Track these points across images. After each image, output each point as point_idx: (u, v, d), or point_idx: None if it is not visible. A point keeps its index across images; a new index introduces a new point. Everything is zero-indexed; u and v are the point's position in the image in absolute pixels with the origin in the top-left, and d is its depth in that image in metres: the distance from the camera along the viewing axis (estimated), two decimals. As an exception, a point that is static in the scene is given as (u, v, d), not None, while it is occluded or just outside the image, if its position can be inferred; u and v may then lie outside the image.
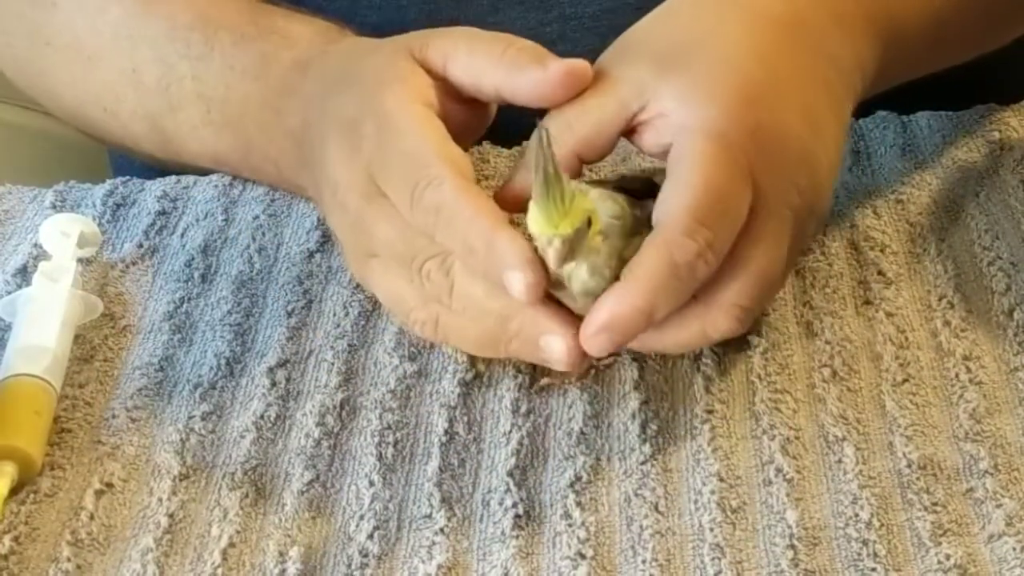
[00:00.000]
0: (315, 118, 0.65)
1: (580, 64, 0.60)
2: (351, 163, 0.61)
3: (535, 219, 0.56)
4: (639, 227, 0.58)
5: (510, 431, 0.60)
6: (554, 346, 0.57)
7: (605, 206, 0.57)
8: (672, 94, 0.59)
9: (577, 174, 0.61)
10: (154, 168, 0.78)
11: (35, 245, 0.70)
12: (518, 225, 0.58)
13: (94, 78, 0.76)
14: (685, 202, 0.57)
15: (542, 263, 0.56)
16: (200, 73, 0.72)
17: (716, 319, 0.58)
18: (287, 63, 0.69)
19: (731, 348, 0.63)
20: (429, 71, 0.62)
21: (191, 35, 0.72)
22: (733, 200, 0.57)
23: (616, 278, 0.57)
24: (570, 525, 0.57)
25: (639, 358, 0.63)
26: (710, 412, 0.61)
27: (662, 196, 0.58)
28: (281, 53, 0.70)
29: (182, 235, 0.72)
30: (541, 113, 0.61)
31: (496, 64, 0.61)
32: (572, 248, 0.56)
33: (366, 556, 0.56)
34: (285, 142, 0.68)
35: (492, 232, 0.56)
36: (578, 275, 0.57)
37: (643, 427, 0.60)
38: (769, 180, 0.58)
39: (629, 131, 0.61)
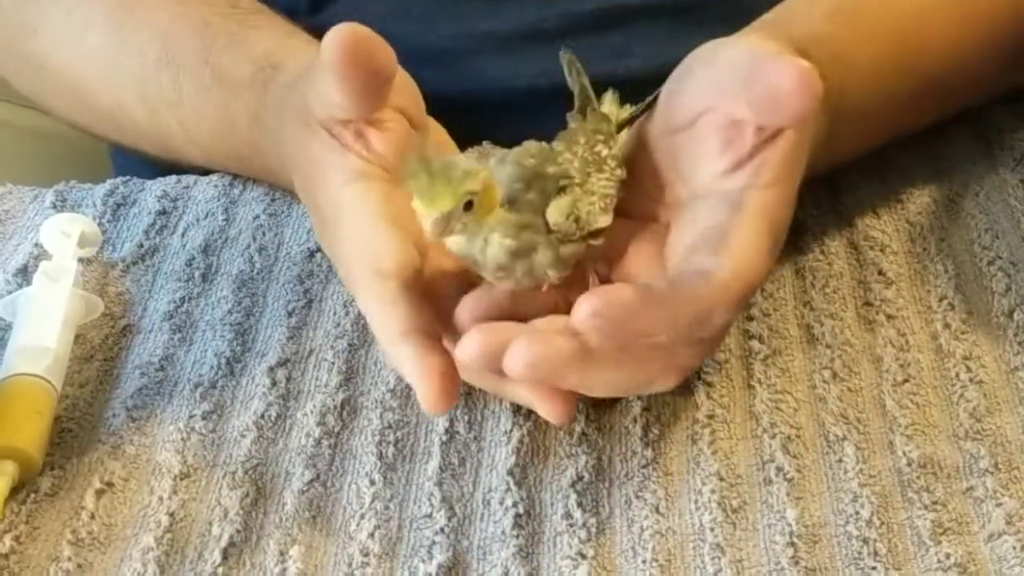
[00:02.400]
0: (295, 186, 0.66)
1: None
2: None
3: (414, 200, 0.56)
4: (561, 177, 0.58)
5: (511, 430, 0.60)
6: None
7: (506, 171, 0.57)
8: None
9: None
10: (155, 168, 0.78)
11: (36, 245, 0.71)
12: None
13: (88, 105, 0.77)
14: (744, 273, 0.56)
15: (440, 372, 0.56)
16: (181, 118, 0.73)
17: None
18: (244, 120, 0.70)
19: (733, 355, 0.63)
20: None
21: (161, 77, 0.73)
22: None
23: (548, 230, 0.57)
24: (571, 525, 0.57)
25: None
26: (711, 417, 0.61)
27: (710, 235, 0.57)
28: (235, 104, 0.70)
29: (183, 235, 0.72)
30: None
31: None
32: (449, 223, 0.55)
33: (367, 555, 0.56)
34: (281, 175, 0.69)
35: (392, 345, 0.58)
36: (491, 248, 0.57)
37: (645, 431, 0.60)
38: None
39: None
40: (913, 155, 0.74)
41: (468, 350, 0.55)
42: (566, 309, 0.56)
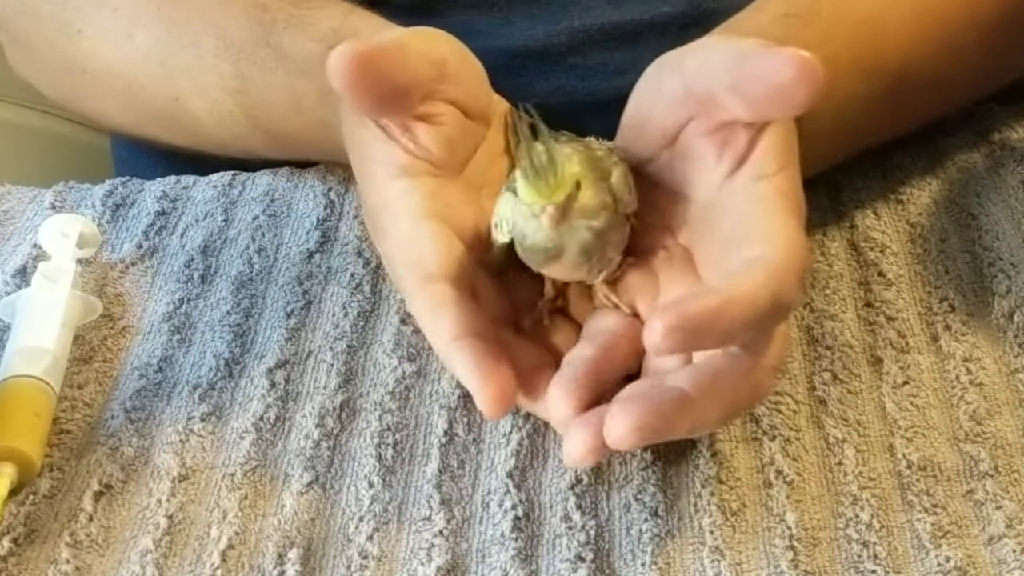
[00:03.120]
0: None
1: None
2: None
3: (526, 190, 0.55)
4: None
5: (510, 432, 0.60)
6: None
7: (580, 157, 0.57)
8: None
9: None
10: (157, 167, 0.78)
11: (34, 246, 0.70)
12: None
13: (141, 104, 0.76)
14: (795, 246, 0.55)
15: (497, 377, 0.55)
16: (245, 105, 0.72)
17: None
18: (313, 98, 0.69)
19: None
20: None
21: (221, 65, 0.72)
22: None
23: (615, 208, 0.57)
24: (570, 528, 0.56)
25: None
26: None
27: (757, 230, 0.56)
28: (302, 84, 0.69)
29: (181, 235, 0.72)
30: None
31: None
32: (564, 213, 0.55)
33: (365, 558, 0.56)
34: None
35: (445, 351, 0.57)
36: (577, 232, 0.56)
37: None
38: None
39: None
40: (913, 156, 0.74)
41: (575, 453, 0.54)
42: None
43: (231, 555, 0.56)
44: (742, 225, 0.56)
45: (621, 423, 0.52)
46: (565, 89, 0.62)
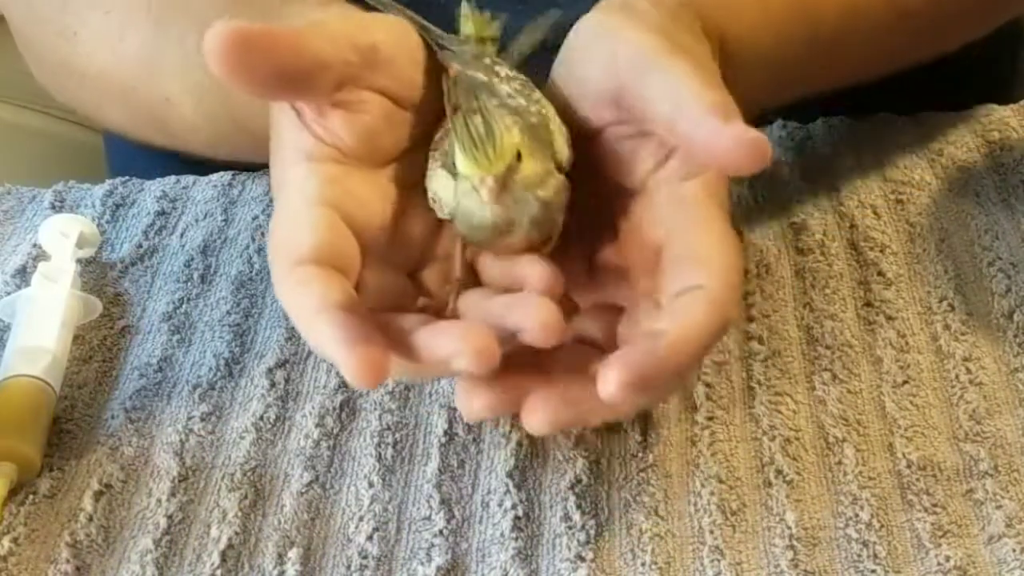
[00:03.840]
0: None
1: None
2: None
3: (464, 162, 0.54)
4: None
5: (510, 432, 0.60)
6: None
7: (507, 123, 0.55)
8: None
9: None
10: (153, 168, 0.78)
11: (34, 245, 0.70)
12: None
13: (135, 107, 0.75)
14: (731, 262, 0.55)
15: (363, 344, 0.50)
16: (229, 107, 0.70)
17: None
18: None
19: (733, 356, 0.63)
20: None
21: (205, 63, 0.71)
22: None
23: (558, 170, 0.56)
24: (570, 527, 0.56)
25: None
26: (710, 419, 0.60)
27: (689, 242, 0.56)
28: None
29: (181, 235, 0.72)
30: None
31: None
32: (505, 185, 0.54)
33: (365, 558, 0.56)
34: None
35: (309, 327, 0.53)
36: (526, 206, 0.55)
37: (643, 433, 0.60)
38: None
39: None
40: (913, 156, 0.74)
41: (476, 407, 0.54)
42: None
43: (231, 555, 0.56)
44: (676, 236, 0.56)
45: (536, 413, 0.53)
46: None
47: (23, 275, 0.69)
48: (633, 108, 0.57)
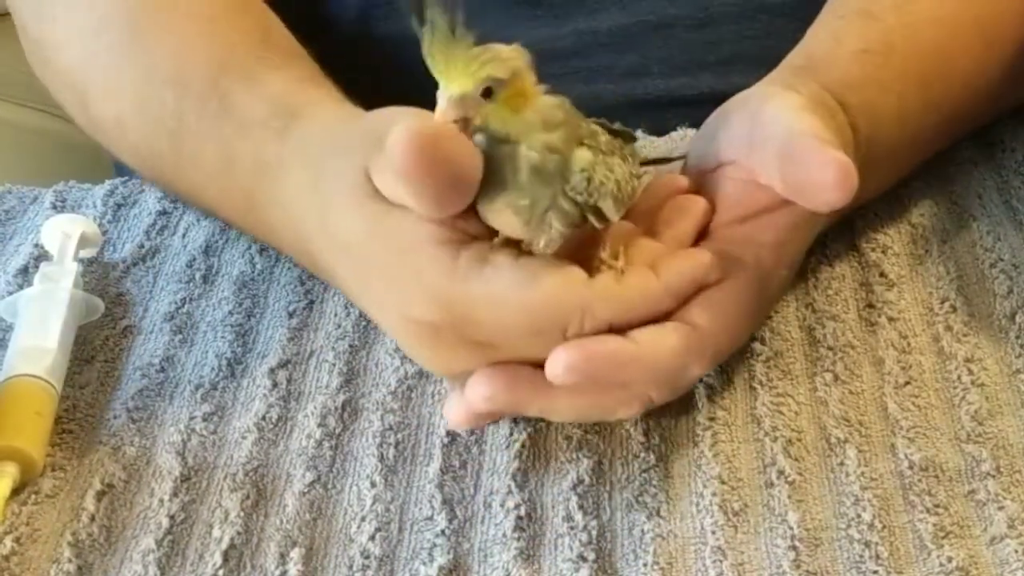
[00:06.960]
0: (317, 247, 0.62)
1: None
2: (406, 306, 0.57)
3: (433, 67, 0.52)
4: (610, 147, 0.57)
5: (512, 433, 0.60)
6: None
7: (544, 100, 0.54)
8: None
9: None
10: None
11: (36, 246, 0.70)
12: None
13: (89, 112, 0.73)
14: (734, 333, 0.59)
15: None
16: (176, 147, 0.68)
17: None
18: (247, 163, 0.64)
19: (734, 357, 0.63)
20: None
21: (165, 95, 0.67)
22: None
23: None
24: (572, 528, 0.56)
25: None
26: (712, 419, 0.61)
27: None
28: (241, 145, 0.65)
29: (183, 235, 0.72)
30: None
31: None
32: (464, 108, 0.52)
33: (367, 558, 0.56)
34: (284, 235, 0.66)
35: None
36: (519, 159, 0.54)
37: (645, 434, 0.60)
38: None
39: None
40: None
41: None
42: None
43: (233, 555, 0.56)
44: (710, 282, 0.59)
45: (478, 388, 0.56)
46: (569, 93, 0.62)
47: (25, 275, 0.69)
48: (747, 135, 0.60)
